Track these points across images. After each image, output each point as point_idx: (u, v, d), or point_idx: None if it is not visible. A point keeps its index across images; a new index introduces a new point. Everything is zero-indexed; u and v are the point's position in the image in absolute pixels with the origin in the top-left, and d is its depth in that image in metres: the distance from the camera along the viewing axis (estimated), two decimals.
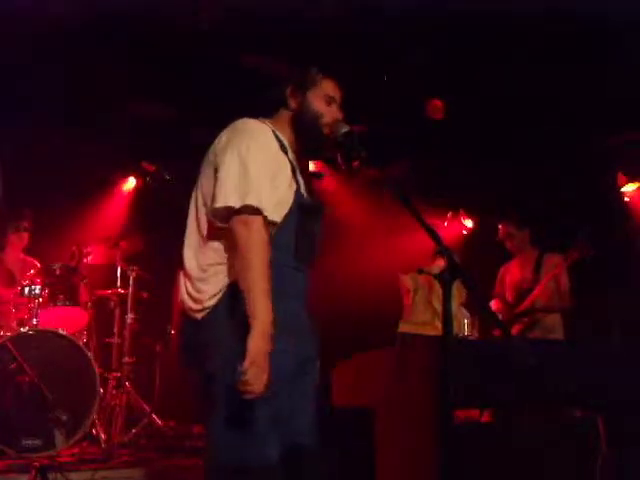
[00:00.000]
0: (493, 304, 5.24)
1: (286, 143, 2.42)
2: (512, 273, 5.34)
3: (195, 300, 2.30)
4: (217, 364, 2.21)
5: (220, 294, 2.25)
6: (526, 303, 5.04)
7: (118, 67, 5.52)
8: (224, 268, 2.27)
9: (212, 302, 2.26)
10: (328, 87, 2.48)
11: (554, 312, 5.06)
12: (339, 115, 2.48)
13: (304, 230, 2.35)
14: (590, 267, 5.04)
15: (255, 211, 2.17)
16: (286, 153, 2.38)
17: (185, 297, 2.34)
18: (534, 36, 5.10)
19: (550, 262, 5.12)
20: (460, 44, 5.28)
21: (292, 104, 2.47)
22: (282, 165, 2.33)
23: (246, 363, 2.04)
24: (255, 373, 2.04)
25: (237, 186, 2.19)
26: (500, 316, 5.10)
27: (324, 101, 2.46)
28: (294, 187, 2.34)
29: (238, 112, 2.44)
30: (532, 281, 5.09)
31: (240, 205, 2.17)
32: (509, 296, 5.27)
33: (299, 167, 2.45)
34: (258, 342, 2.07)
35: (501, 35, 5.10)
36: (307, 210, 2.37)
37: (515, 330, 5.05)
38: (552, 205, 6.09)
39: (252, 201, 2.17)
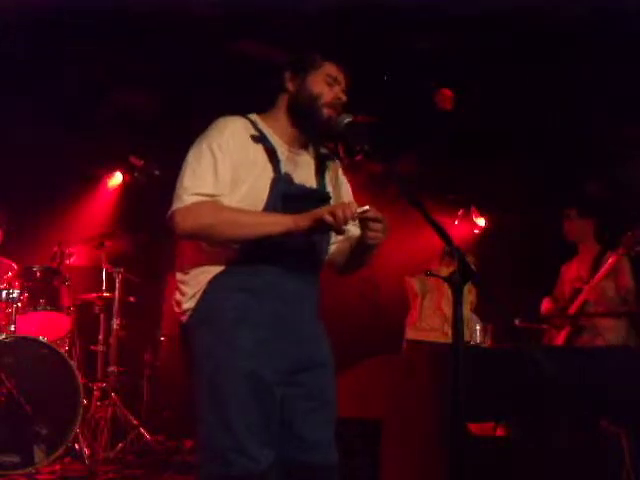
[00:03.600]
0: (543, 304, 5.10)
1: (270, 134, 2.44)
2: (571, 270, 5.15)
3: (177, 303, 2.39)
4: (196, 371, 2.30)
5: (198, 295, 2.32)
6: (576, 305, 4.85)
7: (102, 56, 5.53)
8: (205, 269, 2.33)
9: (192, 304, 2.33)
10: (330, 69, 2.46)
11: (612, 316, 4.86)
12: (342, 96, 2.46)
13: None
14: None
15: (194, 196, 2.27)
16: (264, 143, 2.40)
17: (173, 301, 2.43)
18: (552, 25, 5.10)
19: (611, 260, 4.86)
20: (474, 32, 5.28)
21: (290, 87, 2.47)
22: (251, 156, 2.36)
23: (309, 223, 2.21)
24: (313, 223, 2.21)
25: (178, 190, 2.30)
26: (545, 316, 4.99)
27: (325, 82, 2.44)
28: (270, 176, 2.35)
29: (231, 102, 2.43)
30: (588, 279, 4.88)
31: (177, 207, 2.28)
32: (565, 295, 5.07)
33: (294, 157, 2.45)
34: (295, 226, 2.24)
35: (519, 24, 5.11)
36: (294, 198, 2.37)
37: (563, 333, 4.91)
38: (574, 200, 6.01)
39: (189, 190, 2.27)
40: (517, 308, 5.26)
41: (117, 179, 6.51)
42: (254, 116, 2.48)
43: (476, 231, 6.77)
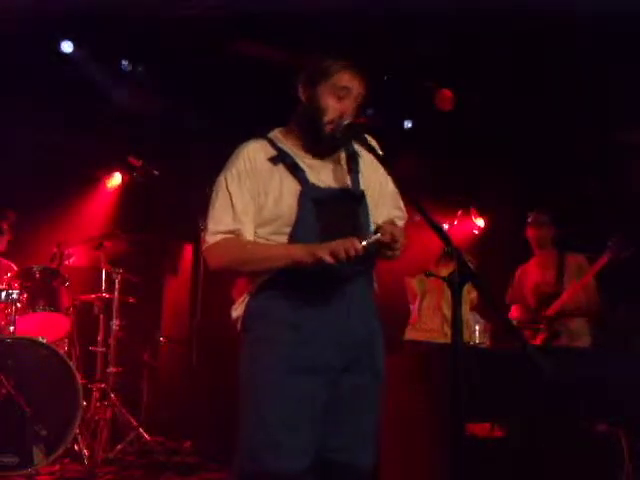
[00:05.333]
0: (513, 311, 5.17)
1: (289, 147, 2.47)
2: (531, 275, 5.25)
3: (231, 314, 2.51)
4: (241, 372, 2.41)
5: (244, 303, 2.45)
6: (554, 307, 4.93)
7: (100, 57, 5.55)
8: (251, 278, 2.46)
9: (240, 312, 2.46)
10: (342, 78, 2.44)
11: (581, 316, 4.98)
12: (347, 113, 2.43)
13: (326, 223, 2.39)
14: (622, 269, 4.93)
15: (213, 235, 2.43)
16: (283, 160, 2.43)
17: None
18: (556, 26, 5.11)
19: (573, 262, 5.05)
20: (474, 32, 5.28)
21: (302, 97, 2.49)
22: (267, 178, 2.42)
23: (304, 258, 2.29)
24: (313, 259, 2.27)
25: (205, 229, 2.48)
26: (520, 322, 5.03)
27: (334, 96, 2.43)
28: (297, 189, 2.39)
29: (232, 103, 2.45)
30: (555, 284, 5.01)
31: (203, 248, 2.48)
32: (530, 300, 5.18)
33: (317, 162, 2.48)
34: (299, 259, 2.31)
35: (520, 25, 5.11)
36: (327, 202, 2.41)
37: (539, 337, 4.96)
38: (578, 204, 6.03)
39: (211, 231, 2.44)
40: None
41: (116, 180, 6.51)
42: (274, 133, 2.53)
43: (475, 231, 6.76)
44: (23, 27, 5.06)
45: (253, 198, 2.40)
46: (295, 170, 2.42)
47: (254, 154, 2.45)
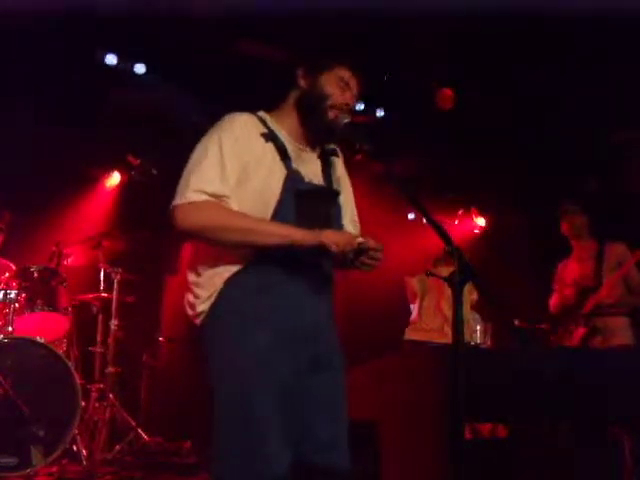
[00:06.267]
0: (552, 299, 5.05)
1: (279, 130, 2.44)
2: (570, 269, 5.08)
3: (190, 305, 2.38)
4: (213, 371, 2.30)
5: (213, 297, 2.31)
6: (591, 303, 4.81)
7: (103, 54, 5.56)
8: (219, 270, 2.32)
9: (206, 306, 2.33)
10: (343, 72, 2.46)
11: (622, 313, 4.82)
12: (351, 102, 2.46)
13: (306, 216, 2.35)
14: None
15: (197, 193, 2.26)
16: (274, 140, 2.39)
17: (185, 303, 2.42)
18: (552, 26, 5.10)
19: (613, 253, 4.88)
20: (474, 32, 5.28)
21: (302, 84, 2.48)
22: (260, 153, 2.36)
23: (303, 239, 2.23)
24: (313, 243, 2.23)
25: (181, 185, 2.30)
26: (556, 318, 4.95)
27: (337, 85, 2.44)
28: (282, 174, 2.35)
29: (231, 99, 2.43)
30: (594, 277, 4.85)
31: (178, 203, 2.27)
32: (569, 295, 5.02)
33: (302, 153, 2.46)
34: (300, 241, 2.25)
35: (519, 25, 5.11)
36: (307, 195, 2.38)
37: (578, 334, 4.86)
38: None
39: (193, 188, 2.26)
40: (517, 308, 5.26)
41: (115, 179, 6.50)
42: (262, 113, 2.48)
43: (476, 231, 6.75)
44: (22, 25, 5.05)
45: (242, 168, 2.31)
46: (283, 154, 2.39)
47: (250, 125, 2.39)
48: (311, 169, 2.47)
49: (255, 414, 2.20)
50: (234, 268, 2.30)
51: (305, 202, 2.36)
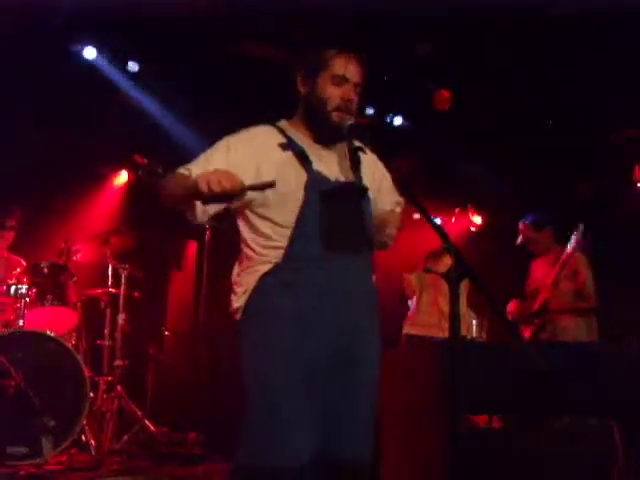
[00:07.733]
0: (510, 304, 5.11)
1: (297, 136, 2.46)
2: (538, 267, 5.15)
3: (231, 302, 2.46)
4: (246, 363, 2.37)
5: (247, 294, 2.38)
6: (537, 303, 4.90)
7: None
8: (253, 269, 2.40)
9: (241, 302, 2.40)
10: (339, 66, 2.44)
11: (571, 313, 4.86)
12: (350, 95, 2.45)
13: (334, 215, 2.37)
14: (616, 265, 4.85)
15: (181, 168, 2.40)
16: (293, 148, 2.41)
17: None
18: (551, 25, 5.11)
19: (575, 261, 4.88)
20: (471, 33, 5.28)
21: (302, 91, 2.49)
22: (279, 160, 2.38)
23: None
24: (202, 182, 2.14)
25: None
26: (513, 316, 5.02)
27: (333, 83, 2.43)
28: (304, 178, 2.37)
29: (235, 101, 2.46)
30: (552, 282, 4.87)
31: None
32: (529, 294, 5.10)
33: (324, 154, 2.47)
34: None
35: (516, 26, 5.11)
36: (332, 194, 2.39)
37: (527, 332, 4.97)
38: (570, 201, 6.02)
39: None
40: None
41: (123, 177, 6.54)
42: (282, 122, 2.51)
43: (473, 229, 6.77)
44: (27, 25, 5.06)
45: (254, 163, 2.36)
46: (303, 159, 2.40)
47: (267, 135, 2.45)
48: (337, 168, 2.47)
49: (282, 405, 2.25)
50: (267, 266, 2.36)
51: (332, 201, 2.37)
